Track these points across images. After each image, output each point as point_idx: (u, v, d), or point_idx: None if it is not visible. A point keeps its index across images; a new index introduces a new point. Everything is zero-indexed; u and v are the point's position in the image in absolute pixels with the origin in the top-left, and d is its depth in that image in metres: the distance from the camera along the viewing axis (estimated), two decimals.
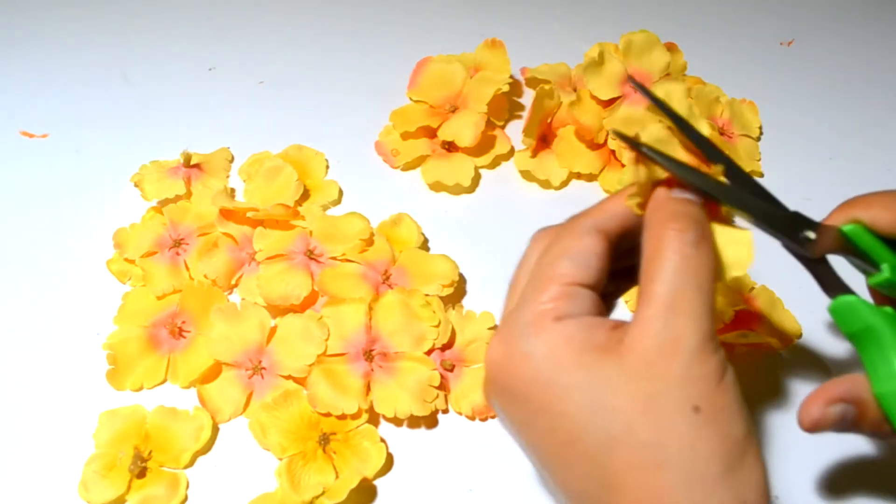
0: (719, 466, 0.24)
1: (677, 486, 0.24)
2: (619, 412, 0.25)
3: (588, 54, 0.50)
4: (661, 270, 0.26)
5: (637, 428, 0.25)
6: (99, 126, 0.53)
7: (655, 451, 0.24)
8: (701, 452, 0.24)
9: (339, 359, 0.40)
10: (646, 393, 0.25)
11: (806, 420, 0.29)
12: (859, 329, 0.28)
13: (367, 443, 0.38)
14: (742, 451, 0.25)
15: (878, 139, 0.54)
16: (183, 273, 0.44)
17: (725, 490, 0.24)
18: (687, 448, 0.24)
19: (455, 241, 0.47)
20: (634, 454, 0.25)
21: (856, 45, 0.61)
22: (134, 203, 0.48)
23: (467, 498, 0.38)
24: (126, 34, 0.59)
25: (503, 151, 0.51)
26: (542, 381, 0.26)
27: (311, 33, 0.60)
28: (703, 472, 0.24)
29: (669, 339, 0.25)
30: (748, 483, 0.25)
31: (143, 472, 0.38)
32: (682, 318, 0.25)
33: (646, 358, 0.25)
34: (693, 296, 0.25)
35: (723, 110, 0.52)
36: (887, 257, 0.29)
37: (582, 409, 0.25)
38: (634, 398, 0.25)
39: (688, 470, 0.24)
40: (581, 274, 0.28)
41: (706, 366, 0.25)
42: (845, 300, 0.28)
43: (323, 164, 0.50)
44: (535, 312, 0.27)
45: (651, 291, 0.26)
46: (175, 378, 0.41)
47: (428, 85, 0.52)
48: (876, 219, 0.29)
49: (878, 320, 0.28)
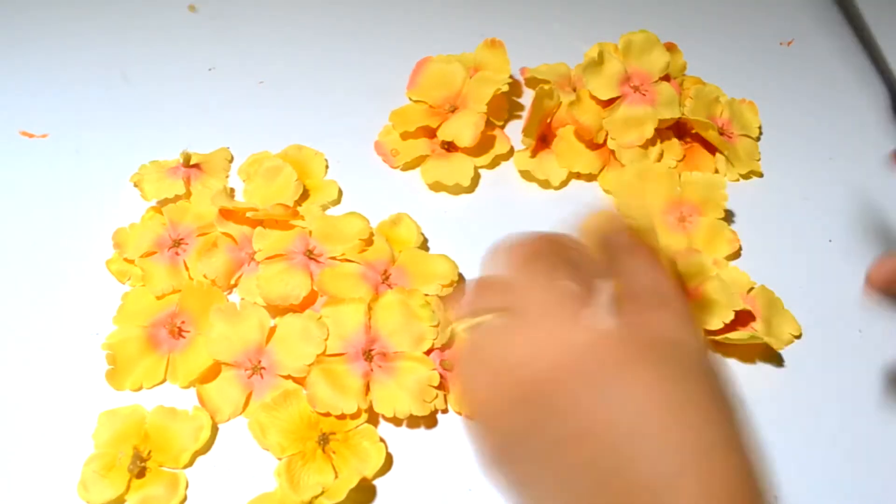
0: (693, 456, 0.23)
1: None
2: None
3: (588, 54, 0.50)
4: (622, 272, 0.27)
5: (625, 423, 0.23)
6: (99, 126, 0.53)
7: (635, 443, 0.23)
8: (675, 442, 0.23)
9: (338, 359, 0.40)
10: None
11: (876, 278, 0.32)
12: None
13: (366, 443, 0.38)
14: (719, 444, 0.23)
15: (878, 140, 0.54)
16: (182, 273, 0.44)
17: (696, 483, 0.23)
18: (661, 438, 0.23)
19: (455, 241, 0.47)
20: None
21: (856, 45, 0.61)
22: (134, 203, 0.48)
23: (467, 498, 0.38)
24: (126, 34, 0.59)
25: (503, 151, 0.51)
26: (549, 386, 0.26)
27: (311, 33, 0.60)
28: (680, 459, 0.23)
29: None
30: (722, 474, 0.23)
31: (142, 472, 0.38)
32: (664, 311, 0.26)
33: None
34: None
35: (722, 110, 0.52)
36: None
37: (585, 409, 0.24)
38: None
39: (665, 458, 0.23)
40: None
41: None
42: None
43: (323, 164, 0.50)
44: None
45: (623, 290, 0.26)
46: (174, 378, 0.41)
47: (428, 85, 0.52)
48: None
49: None
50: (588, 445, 0.24)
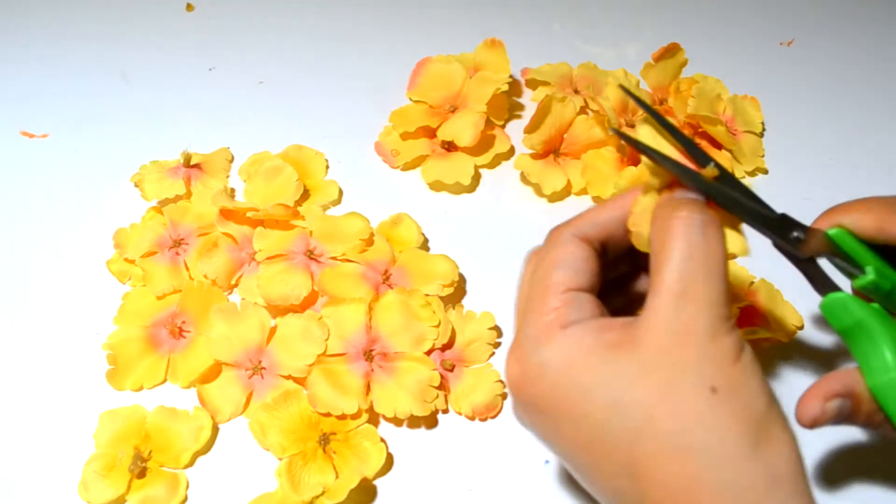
0: (745, 444, 0.24)
1: (705, 468, 0.24)
2: (639, 403, 0.25)
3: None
4: (669, 259, 0.26)
5: (658, 416, 0.25)
6: (99, 126, 0.53)
7: (678, 436, 0.24)
8: (723, 432, 0.24)
9: (339, 359, 0.40)
10: (662, 381, 0.25)
11: (805, 417, 0.30)
12: (850, 324, 0.29)
13: (367, 443, 0.38)
14: (765, 425, 0.25)
15: (878, 140, 0.54)
16: (183, 273, 0.44)
17: (755, 466, 0.24)
18: (709, 429, 0.24)
19: (455, 241, 0.47)
20: (658, 443, 0.25)
21: (856, 45, 0.61)
22: (134, 203, 0.48)
23: (467, 498, 0.38)
24: (126, 34, 0.59)
25: (503, 151, 0.51)
26: (561, 388, 0.26)
27: (311, 33, 0.60)
28: (730, 452, 0.24)
29: (681, 326, 0.25)
30: (778, 457, 0.25)
31: (143, 472, 0.38)
32: (692, 304, 0.25)
33: (659, 347, 0.25)
34: (703, 281, 0.26)
35: (725, 107, 0.52)
36: (871, 261, 0.30)
37: (603, 408, 0.26)
38: (651, 388, 0.25)
39: (713, 451, 0.24)
40: (574, 279, 0.28)
41: (720, 347, 0.25)
42: (836, 297, 0.29)
43: (323, 164, 0.50)
44: (542, 324, 0.27)
45: (660, 281, 0.26)
46: (175, 378, 0.41)
47: (428, 85, 0.52)
48: (857, 223, 0.30)
49: (868, 315, 0.29)
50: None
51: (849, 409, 0.29)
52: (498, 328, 0.43)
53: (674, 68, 0.54)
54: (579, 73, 0.54)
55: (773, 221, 0.29)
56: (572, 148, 0.50)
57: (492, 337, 0.42)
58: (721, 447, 0.24)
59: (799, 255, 0.30)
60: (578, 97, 0.51)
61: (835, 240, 0.30)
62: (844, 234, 0.30)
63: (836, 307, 0.29)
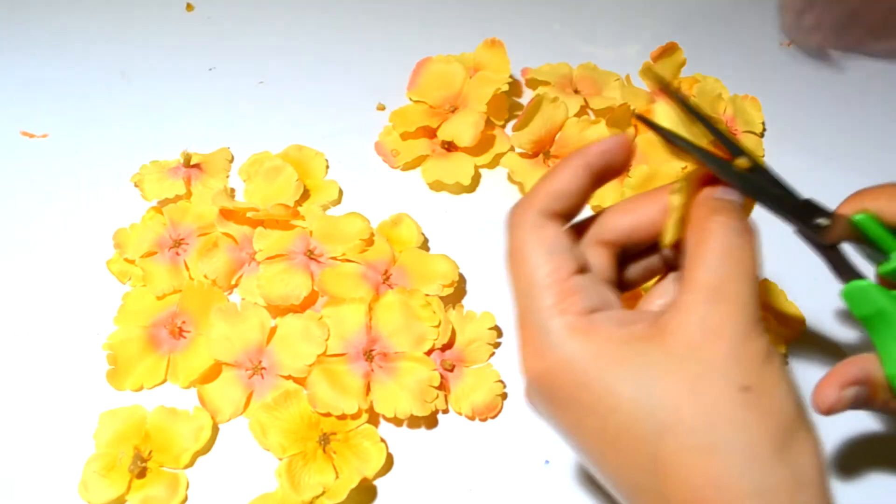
0: (772, 445, 0.24)
1: (730, 468, 0.24)
2: (667, 398, 0.25)
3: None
4: (707, 258, 0.26)
5: (685, 412, 0.25)
6: (99, 126, 0.53)
7: (705, 434, 0.24)
8: (751, 432, 0.24)
9: (339, 359, 0.40)
10: (692, 376, 0.25)
11: (822, 405, 0.30)
12: (871, 312, 0.29)
13: (367, 443, 0.38)
14: (794, 428, 0.25)
15: (878, 140, 0.54)
16: (183, 273, 0.44)
17: (781, 469, 0.24)
18: (737, 429, 0.24)
19: (455, 241, 0.47)
20: (685, 439, 0.25)
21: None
22: (134, 203, 0.48)
23: (467, 498, 0.38)
24: (126, 34, 0.59)
25: (503, 151, 0.51)
26: (590, 381, 0.26)
27: (311, 33, 0.60)
28: (756, 452, 0.24)
29: (714, 324, 0.25)
30: (804, 461, 0.25)
31: (143, 472, 0.38)
32: (726, 303, 0.25)
33: (690, 342, 0.25)
34: (738, 282, 0.26)
35: (725, 107, 0.52)
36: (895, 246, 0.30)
37: (630, 401, 0.25)
38: (680, 382, 0.25)
39: (740, 451, 0.24)
40: (569, 263, 0.28)
41: (752, 347, 0.25)
42: (858, 284, 0.29)
43: (323, 164, 0.50)
44: (560, 316, 0.27)
45: (695, 278, 0.26)
46: (175, 378, 0.41)
47: (428, 85, 0.52)
48: (884, 209, 0.30)
49: (890, 304, 0.29)
50: None
51: (865, 396, 0.30)
52: (498, 328, 0.43)
53: (672, 68, 0.54)
54: (579, 73, 0.54)
55: (798, 206, 0.29)
56: (563, 150, 0.50)
57: (492, 337, 0.42)
58: (748, 447, 0.24)
59: (822, 241, 0.30)
60: (577, 97, 0.51)
61: (859, 225, 0.30)
62: (870, 219, 0.30)
63: (857, 295, 0.29)
